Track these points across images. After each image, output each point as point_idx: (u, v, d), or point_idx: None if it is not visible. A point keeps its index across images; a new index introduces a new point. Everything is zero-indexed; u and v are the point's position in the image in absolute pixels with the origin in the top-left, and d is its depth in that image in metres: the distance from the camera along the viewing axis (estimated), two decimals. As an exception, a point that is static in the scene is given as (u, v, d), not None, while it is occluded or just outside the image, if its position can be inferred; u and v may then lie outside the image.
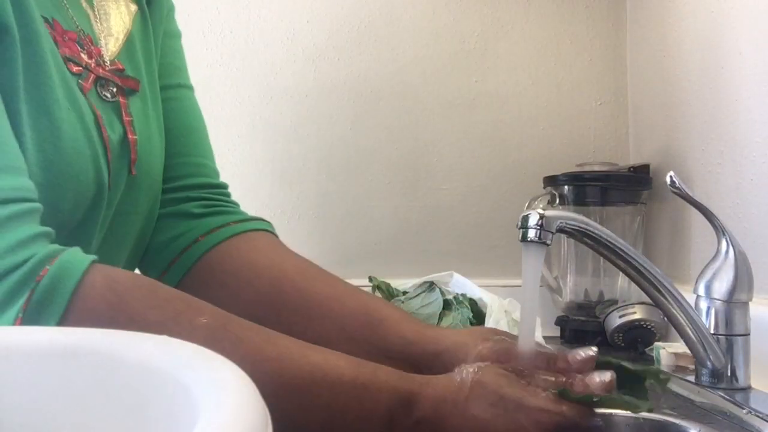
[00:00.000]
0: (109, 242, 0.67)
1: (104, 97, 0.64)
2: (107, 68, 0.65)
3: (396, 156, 1.42)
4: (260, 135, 1.40)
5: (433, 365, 0.64)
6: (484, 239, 1.42)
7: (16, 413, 0.30)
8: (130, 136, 0.66)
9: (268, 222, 0.80)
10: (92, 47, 0.65)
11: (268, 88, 1.40)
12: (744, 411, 0.76)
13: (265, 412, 0.25)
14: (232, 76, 1.40)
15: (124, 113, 0.66)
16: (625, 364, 0.62)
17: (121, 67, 0.67)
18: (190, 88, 0.82)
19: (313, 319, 0.71)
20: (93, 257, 0.51)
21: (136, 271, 0.77)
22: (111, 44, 0.67)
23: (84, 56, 0.63)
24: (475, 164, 1.42)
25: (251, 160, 1.39)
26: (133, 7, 0.72)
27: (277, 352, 0.54)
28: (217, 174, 0.82)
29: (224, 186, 0.82)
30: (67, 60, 0.61)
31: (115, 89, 0.66)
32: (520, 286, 0.62)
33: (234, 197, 0.84)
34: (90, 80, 0.63)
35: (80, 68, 0.62)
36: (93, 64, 0.64)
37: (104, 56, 0.66)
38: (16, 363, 0.30)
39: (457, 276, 1.13)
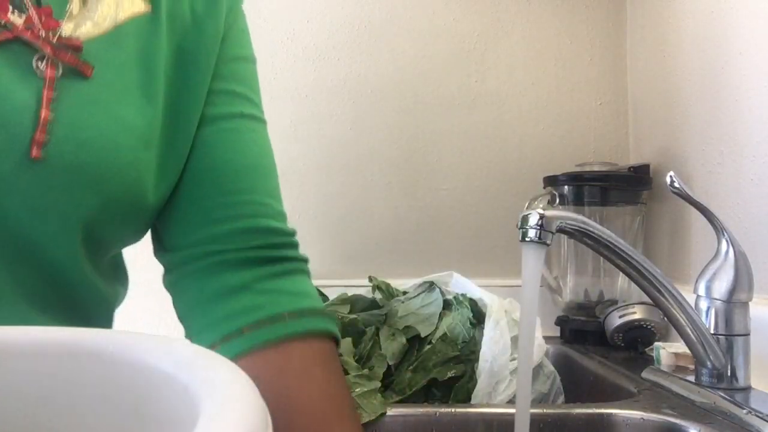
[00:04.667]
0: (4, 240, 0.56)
1: (20, 62, 0.57)
2: (42, 37, 0.58)
3: (396, 156, 1.42)
4: (260, 135, 1.40)
5: None
6: (484, 239, 1.42)
7: (15, 413, 0.29)
8: (42, 112, 0.56)
9: (331, 316, 0.67)
10: (43, 17, 0.58)
11: (268, 88, 1.40)
12: (744, 411, 0.76)
13: (266, 413, 0.25)
14: (232, 76, 1.40)
15: (45, 86, 0.57)
16: None
17: (76, 43, 0.60)
18: (256, 119, 0.72)
19: None
20: None
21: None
22: (84, 27, 0.61)
23: (12, 16, 0.57)
24: (475, 164, 1.42)
25: (251, 160, 1.39)
26: (142, 7, 0.64)
27: None
28: (283, 216, 0.70)
29: (292, 233, 0.69)
30: None
31: (47, 60, 0.58)
32: (520, 286, 0.62)
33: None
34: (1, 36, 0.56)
35: None
36: (20, 27, 0.57)
37: (57, 30, 0.59)
38: (15, 363, 0.30)
39: (457, 276, 1.13)
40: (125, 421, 0.29)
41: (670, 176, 0.82)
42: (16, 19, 0.57)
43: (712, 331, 0.82)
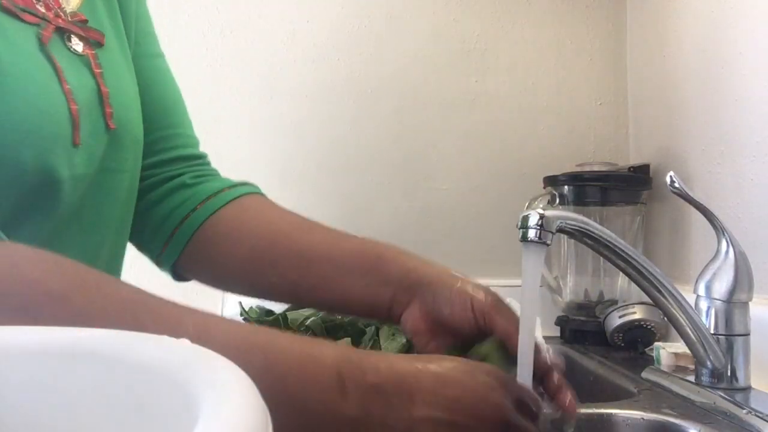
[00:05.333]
0: (98, 201, 0.65)
1: (70, 49, 0.63)
2: (68, 19, 0.64)
3: (396, 156, 1.42)
4: (260, 135, 1.40)
5: (426, 292, 0.66)
6: (484, 239, 1.42)
7: (15, 413, 0.30)
8: (102, 89, 0.64)
9: (256, 186, 0.82)
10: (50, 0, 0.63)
11: (268, 88, 1.40)
12: (744, 411, 0.76)
13: (266, 412, 0.25)
14: (232, 76, 1.40)
15: (93, 65, 0.64)
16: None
17: (83, 18, 0.66)
18: (162, 56, 0.81)
19: (311, 262, 0.72)
20: None
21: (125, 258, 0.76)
22: (72, 1, 0.66)
23: (40, 7, 0.61)
24: (475, 164, 1.42)
25: (251, 160, 1.39)
26: None
27: (201, 320, 0.48)
28: (198, 143, 0.83)
29: (206, 155, 0.83)
30: (21, 11, 0.59)
31: (80, 42, 0.64)
32: (520, 286, 0.62)
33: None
34: (50, 30, 0.61)
35: (37, 19, 0.60)
36: (52, 15, 0.62)
37: (64, 8, 0.64)
38: (15, 363, 0.30)
39: (457, 276, 1.13)
40: (125, 421, 0.29)
41: (670, 176, 0.82)
42: (43, 9, 0.62)
43: (712, 331, 0.82)
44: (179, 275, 0.79)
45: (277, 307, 1.14)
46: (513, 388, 0.55)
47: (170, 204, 0.77)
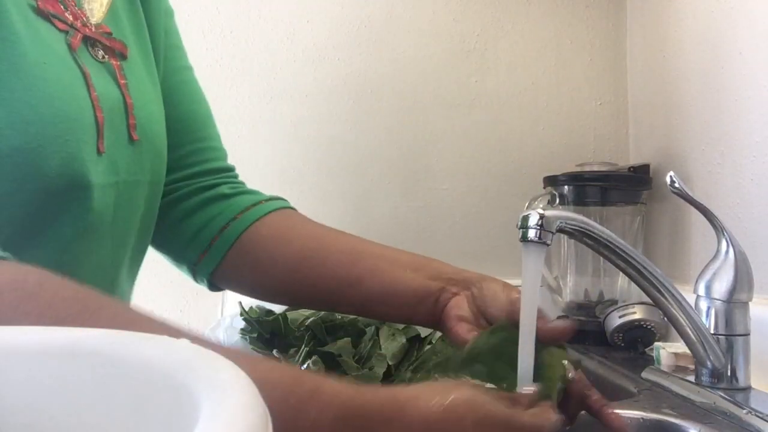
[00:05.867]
0: (122, 211, 0.65)
1: (96, 57, 0.63)
2: (93, 29, 0.64)
3: (396, 156, 1.42)
4: (260, 135, 1.40)
5: (474, 287, 0.70)
6: (484, 239, 1.42)
7: (16, 413, 0.30)
8: (127, 100, 0.64)
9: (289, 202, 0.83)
10: (76, 9, 0.63)
11: (268, 88, 1.40)
12: (744, 411, 0.76)
13: (265, 412, 0.25)
14: (232, 76, 1.40)
15: (118, 75, 0.64)
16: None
17: (108, 30, 0.66)
18: (191, 69, 0.81)
19: (361, 257, 0.73)
20: None
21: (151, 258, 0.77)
22: (96, 9, 0.66)
23: (68, 15, 0.61)
24: (475, 164, 1.42)
25: (251, 160, 1.39)
26: None
27: None
28: (227, 155, 0.84)
29: (234, 168, 0.84)
30: (52, 16, 0.59)
31: (104, 51, 0.64)
32: (520, 286, 0.62)
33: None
34: (78, 38, 0.61)
35: (66, 26, 0.60)
36: (79, 24, 0.62)
37: (90, 18, 0.64)
38: (16, 363, 0.30)
39: (457, 276, 1.13)
40: (125, 421, 0.29)
41: (670, 176, 0.82)
42: (71, 17, 0.61)
43: (712, 331, 0.82)
44: (214, 285, 0.79)
45: (277, 308, 1.14)
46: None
47: (208, 214, 0.77)
